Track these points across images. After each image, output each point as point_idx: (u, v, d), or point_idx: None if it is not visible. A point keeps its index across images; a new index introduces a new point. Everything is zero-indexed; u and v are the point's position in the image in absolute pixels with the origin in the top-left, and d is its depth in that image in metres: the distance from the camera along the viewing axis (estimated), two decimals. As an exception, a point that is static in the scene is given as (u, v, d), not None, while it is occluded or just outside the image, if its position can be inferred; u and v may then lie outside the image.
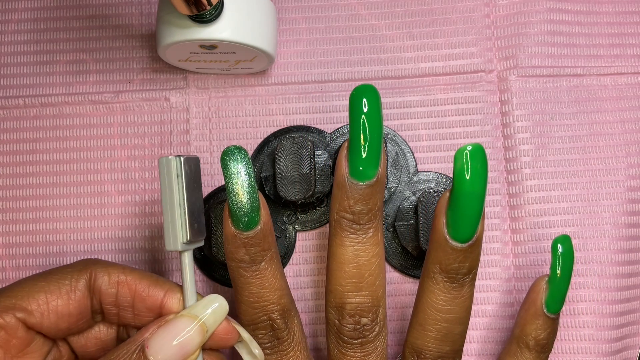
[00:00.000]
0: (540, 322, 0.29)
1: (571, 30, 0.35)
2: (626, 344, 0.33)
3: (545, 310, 0.28)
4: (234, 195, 0.26)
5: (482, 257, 0.33)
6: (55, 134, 0.34)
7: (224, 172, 0.26)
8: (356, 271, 0.27)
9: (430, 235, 0.27)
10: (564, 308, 0.32)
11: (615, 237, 0.33)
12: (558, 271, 0.28)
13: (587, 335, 0.32)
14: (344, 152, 0.26)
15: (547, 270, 0.33)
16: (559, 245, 0.28)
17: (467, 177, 0.25)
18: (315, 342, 0.33)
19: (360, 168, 0.26)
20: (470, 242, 0.25)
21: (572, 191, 0.33)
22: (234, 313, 0.28)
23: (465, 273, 0.26)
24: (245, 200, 0.26)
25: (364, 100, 0.25)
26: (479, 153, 0.25)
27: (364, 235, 0.27)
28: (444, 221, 0.26)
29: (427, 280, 0.27)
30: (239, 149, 0.26)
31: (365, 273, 0.27)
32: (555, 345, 0.32)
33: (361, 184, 0.26)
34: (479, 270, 0.33)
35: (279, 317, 0.27)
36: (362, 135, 0.25)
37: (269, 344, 0.27)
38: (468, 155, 0.25)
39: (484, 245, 0.33)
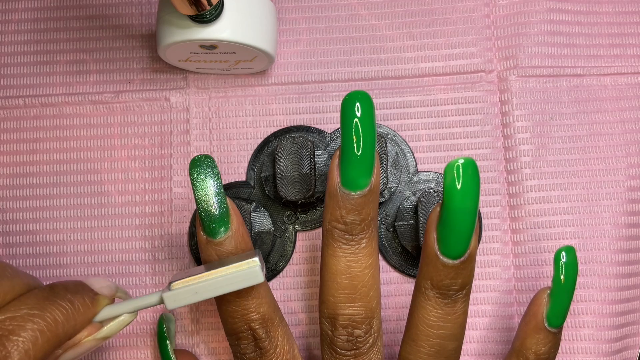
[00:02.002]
0: (541, 337, 0.28)
1: (571, 30, 0.35)
2: (626, 344, 0.33)
3: (546, 324, 0.27)
4: (201, 203, 0.26)
5: (482, 257, 0.33)
6: (56, 134, 0.34)
7: (191, 181, 0.26)
8: (349, 282, 0.26)
9: (421, 250, 0.26)
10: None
11: (615, 237, 0.33)
12: (562, 279, 0.27)
13: (587, 335, 0.32)
14: (335, 161, 0.25)
15: (546, 269, 0.33)
16: (562, 254, 0.27)
17: (458, 193, 0.24)
18: (315, 342, 0.33)
19: (353, 177, 0.25)
20: (462, 258, 0.24)
21: (572, 191, 0.33)
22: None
23: (457, 289, 0.25)
24: (212, 207, 0.26)
25: (357, 105, 0.24)
26: (470, 167, 0.24)
27: (356, 246, 0.26)
28: (435, 237, 0.25)
29: (419, 296, 0.26)
30: (206, 157, 0.26)
31: (358, 284, 0.26)
32: (555, 345, 0.32)
33: (353, 193, 0.25)
34: (479, 270, 0.33)
35: (259, 326, 0.27)
36: (354, 140, 0.24)
37: (252, 354, 0.27)
38: (459, 170, 0.24)
39: (484, 246, 0.33)
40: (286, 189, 0.31)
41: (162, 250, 0.33)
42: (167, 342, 0.31)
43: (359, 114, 0.24)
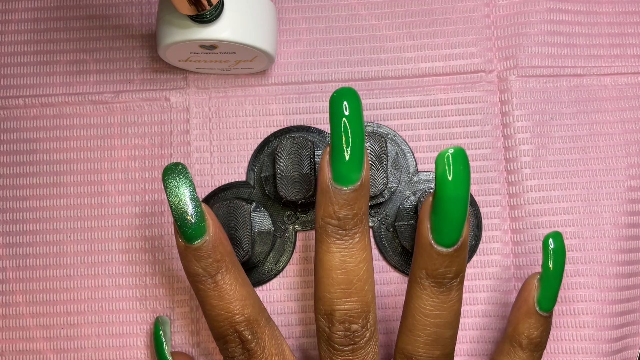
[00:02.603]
0: (532, 321, 0.28)
1: (571, 30, 0.35)
2: (626, 344, 0.33)
3: (537, 309, 0.28)
4: (176, 209, 0.26)
5: (482, 257, 0.33)
6: (56, 134, 0.34)
7: (165, 188, 0.26)
8: (344, 277, 0.26)
9: (415, 241, 0.26)
10: (563, 308, 0.32)
11: (615, 237, 0.33)
12: (550, 266, 0.28)
13: (587, 335, 0.32)
14: (326, 157, 0.26)
15: (547, 270, 0.33)
16: (550, 241, 0.28)
17: (450, 182, 0.24)
18: (314, 341, 0.33)
19: (344, 173, 0.25)
20: (455, 246, 0.25)
21: (572, 191, 0.33)
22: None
23: (452, 277, 0.26)
24: (187, 213, 0.26)
25: (345, 102, 0.25)
26: (460, 156, 0.24)
27: (350, 241, 0.26)
28: (428, 226, 0.25)
29: (414, 286, 0.26)
30: (177, 164, 0.26)
31: (353, 279, 0.26)
32: (555, 345, 0.32)
33: (345, 188, 0.25)
34: (479, 270, 0.33)
35: (244, 328, 0.27)
36: (344, 138, 0.25)
37: (240, 357, 0.27)
38: (450, 159, 0.24)
39: (484, 246, 0.33)
40: (286, 189, 0.31)
41: (162, 250, 0.33)
42: (164, 345, 0.31)
43: (347, 112, 0.25)
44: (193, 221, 0.26)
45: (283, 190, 0.31)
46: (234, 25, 0.29)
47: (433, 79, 0.34)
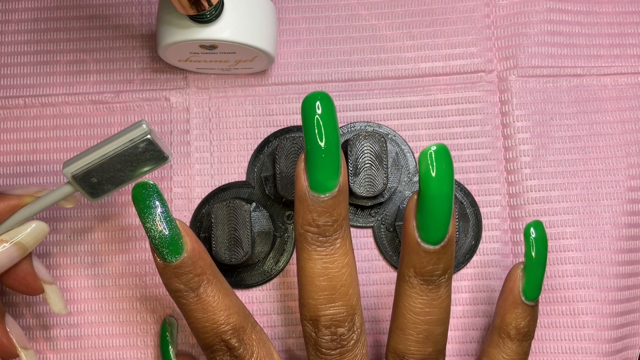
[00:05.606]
0: (519, 311, 0.28)
1: (571, 30, 0.35)
2: (626, 344, 0.33)
3: (523, 299, 0.28)
4: (151, 230, 0.25)
5: (482, 257, 0.33)
6: (56, 134, 0.34)
7: (137, 210, 0.25)
8: (327, 284, 0.26)
9: (401, 239, 0.26)
10: (563, 308, 0.32)
11: (615, 237, 0.33)
12: (533, 255, 0.28)
13: (587, 335, 0.32)
14: (301, 165, 0.25)
15: (547, 270, 0.33)
16: (531, 230, 0.28)
17: (433, 179, 0.24)
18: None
19: (320, 180, 0.25)
20: (442, 243, 0.25)
21: (572, 191, 0.33)
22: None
23: (440, 274, 0.26)
24: (162, 233, 0.25)
25: (317, 103, 0.24)
26: (443, 153, 0.24)
27: (331, 247, 0.26)
28: (414, 224, 0.25)
29: (403, 285, 0.26)
30: (146, 183, 0.25)
31: (337, 284, 0.26)
32: (555, 345, 0.32)
33: (323, 196, 0.25)
34: (479, 270, 0.33)
35: (231, 336, 0.27)
36: (317, 137, 0.24)
37: None
38: (432, 156, 0.24)
39: (484, 246, 0.33)
40: (286, 189, 0.31)
41: (162, 250, 0.33)
42: (170, 347, 0.31)
43: (319, 111, 0.24)
44: (169, 240, 0.25)
45: (283, 190, 0.31)
46: (234, 25, 0.29)
47: (433, 79, 0.34)
